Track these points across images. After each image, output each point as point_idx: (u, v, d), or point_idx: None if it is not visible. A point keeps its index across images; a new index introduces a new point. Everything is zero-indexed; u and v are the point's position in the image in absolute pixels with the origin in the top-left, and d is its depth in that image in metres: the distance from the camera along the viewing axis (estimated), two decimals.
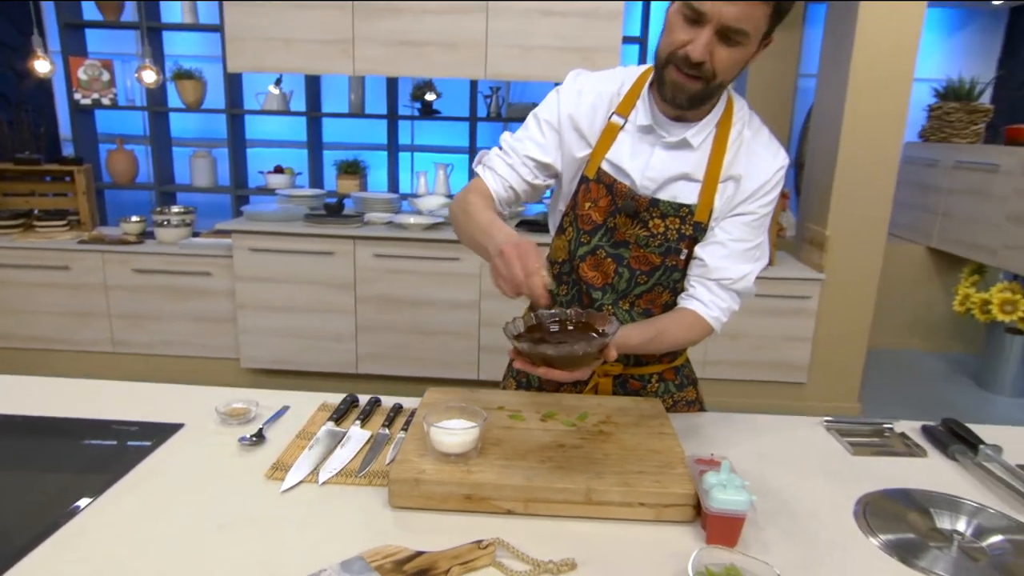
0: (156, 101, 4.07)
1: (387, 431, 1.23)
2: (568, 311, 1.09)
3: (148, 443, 1.15)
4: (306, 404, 1.34)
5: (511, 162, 1.25)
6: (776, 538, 0.96)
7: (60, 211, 3.60)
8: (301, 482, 1.06)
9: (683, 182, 1.21)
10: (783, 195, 3.60)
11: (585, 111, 1.23)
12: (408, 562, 0.86)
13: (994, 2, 4.19)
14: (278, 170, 4.19)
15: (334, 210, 3.37)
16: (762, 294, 3.14)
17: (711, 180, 1.20)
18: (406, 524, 0.97)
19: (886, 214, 3.26)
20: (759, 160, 1.21)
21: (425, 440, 1.07)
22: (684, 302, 1.24)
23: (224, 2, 3.04)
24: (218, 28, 3.95)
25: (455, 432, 1.04)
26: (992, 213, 3.65)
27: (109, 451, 1.15)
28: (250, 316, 3.23)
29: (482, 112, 4.26)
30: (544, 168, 1.26)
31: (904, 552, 0.95)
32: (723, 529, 0.92)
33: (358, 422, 1.25)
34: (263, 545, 0.91)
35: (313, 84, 4.20)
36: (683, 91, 1.10)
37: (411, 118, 4.33)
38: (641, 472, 1.03)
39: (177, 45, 4.28)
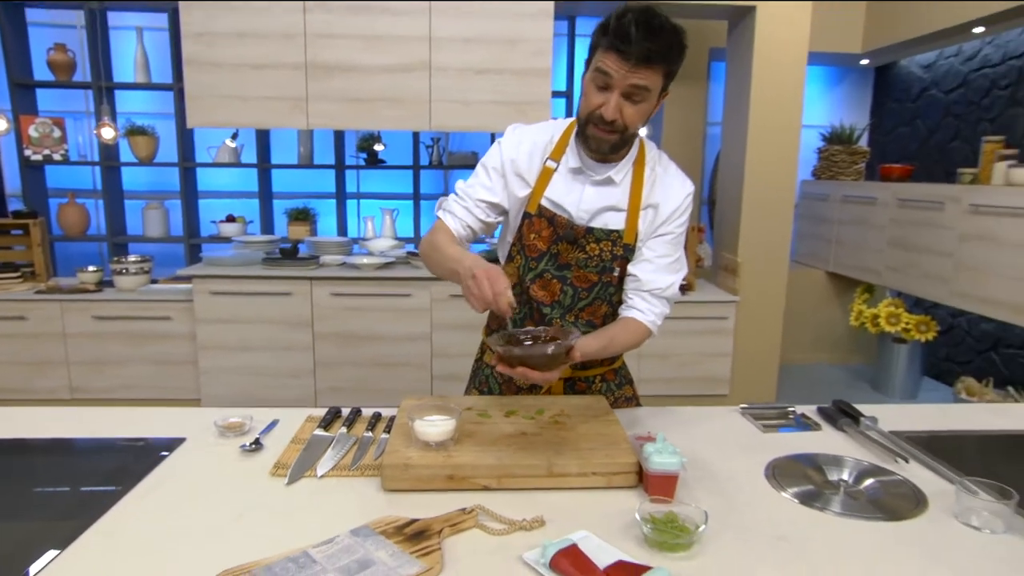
0: (109, 156, 4.09)
1: (371, 434, 1.36)
2: (538, 328, 1.28)
3: (159, 453, 1.25)
4: (293, 418, 1.45)
5: (467, 206, 1.44)
6: (704, 494, 1.15)
7: (9, 264, 3.55)
8: (302, 476, 1.18)
9: (611, 212, 1.41)
10: (699, 230, 3.92)
11: (524, 157, 1.43)
12: (407, 527, 1.00)
13: (862, 62, 4.73)
14: (230, 219, 4.24)
15: (290, 254, 3.46)
16: (686, 316, 3.43)
17: (634, 209, 1.41)
18: (399, 503, 1.10)
19: (787, 242, 3.60)
20: (671, 189, 1.43)
21: (410, 434, 1.21)
22: (625, 312, 1.43)
23: (185, 64, 3.15)
24: (170, 87, 4.05)
25: (436, 423, 1.18)
26: (875, 239, 4.07)
27: (125, 461, 1.23)
28: (211, 357, 3.26)
29: (424, 161, 4.46)
30: (494, 207, 1.45)
31: (805, 498, 1.15)
32: (661, 485, 1.10)
33: (344, 428, 1.38)
34: (278, 526, 1.03)
35: (263, 137, 4.30)
36: (603, 143, 1.33)
37: (357, 167, 4.48)
38: (592, 449, 1.20)
39: (128, 103, 4.32)
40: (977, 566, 0.95)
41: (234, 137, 4.08)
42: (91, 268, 3.47)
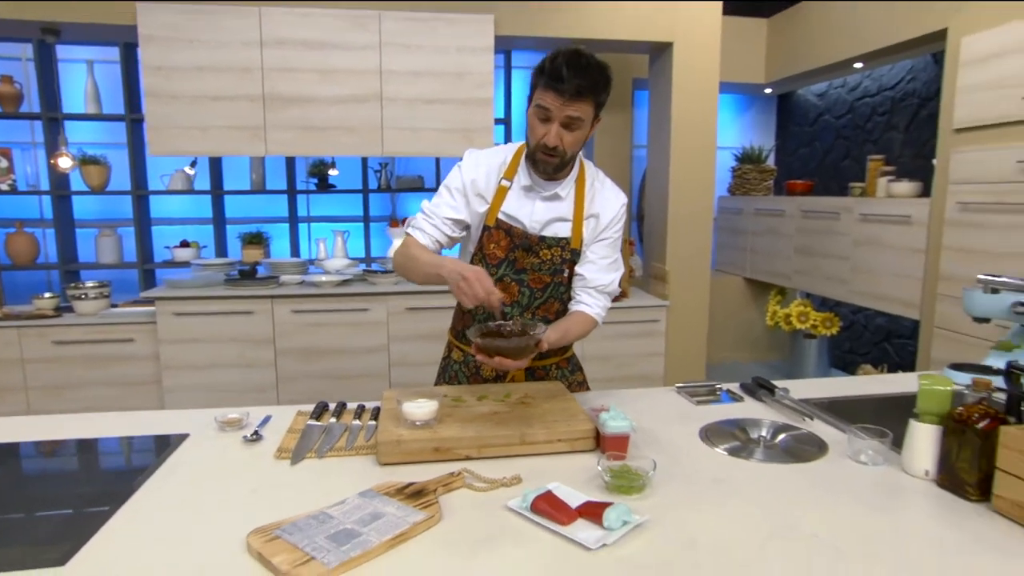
0: (59, 185, 4.02)
1: (359, 422, 1.48)
2: (508, 322, 1.44)
3: (168, 446, 1.34)
4: (284, 413, 1.56)
5: (434, 223, 1.60)
6: (650, 452, 1.32)
7: None
8: (304, 458, 1.30)
9: (559, 222, 1.60)
10: (630, 243, 4.18)
11: (482, 177, 1.60)
12: (406, 488, 1.14)
13: (766, 91, 5.16)
14: (184, 244, 4.22)
15: (249, 275, 3.51)
16: (623, 320, 3.66)
17: (578, 219, 1.60)
18: (393, 473, 1.23)
19: (708, 252, 3.90)
20: (608, 201, 1.63)
21: (398, 417, 1.35)
22: (575, 306, 1.62)
23: (145, 96, 3.18)
24: (122, 118, 4.04)
25: (422, 405, 1.32)
26: (784, 247, 4.43)
27: (139, 454, 1.32)
28: (175, 376, 3.26)
29: (373, 184, 4.57)
30: (458, 223, 1.61)
31: (732, 451, 1.34)
32: (616, 444, 1.27)
33: (333, 418, 1.49)
34: (291, 498, 1.14)
35: (216, 164, 4.32)
36: (548, 166, 1.52)
37: (308, 192, 4.55)
38: (556, 421, 1.37)
39: (77, 133, 4.26)
40: (865, 490, 1.17)
41: (193, 165, 4.09)
42: (47, 295, 3.41)
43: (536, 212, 1.58)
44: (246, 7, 3.21)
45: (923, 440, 1.19)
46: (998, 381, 1.25)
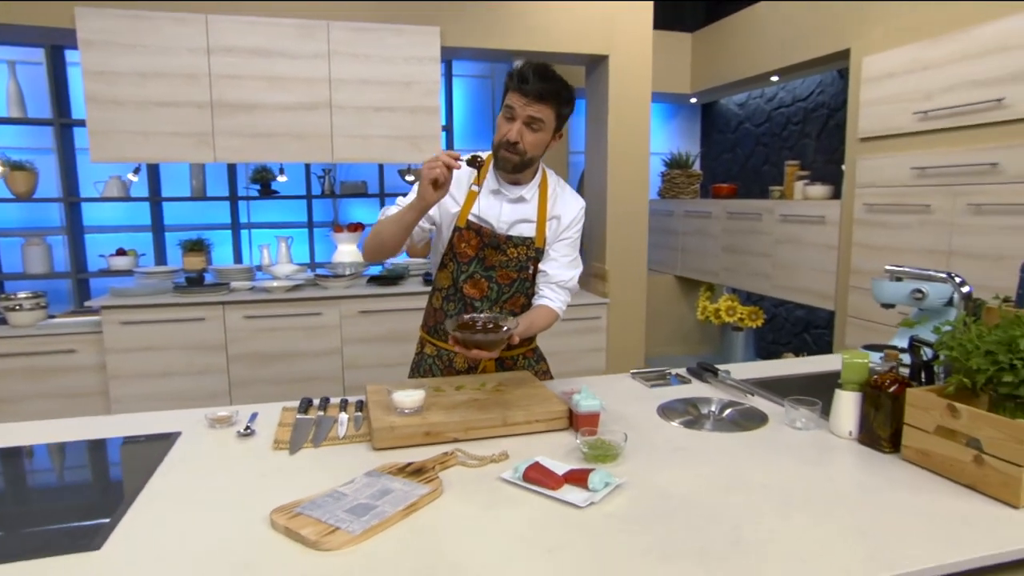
0: None
1: (345, 414, 1.57)
2: (480, 315, 1.56)
3: (163, 443, 1.39)
4: (270, 411, 1.63)
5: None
6: (617, 428, 1.48)
7: None
8: (301, 448, 1.38)
9: (524, 223, 1.75)
10: None
11: (454, 184, 1.72)
12: (406, 467, 1.25)
13: (691, 100, 5.50)
14: (120, 252, 4.11)
15: (196, 282, 3.48)
16: (567, 318, 3.83)
17: (541, 220, 1.76)
18: (388, 457, 1.34)
19: (644, 251, 4.14)
20: (568, 205, 1.80)
21: (387, 406, 1.45)
22: (538, 300, 1.77)
23: (87, 101, 3.11)
24: (50, 122, 3.90)
25: (411, 394, 1.44)
26: (711, 246, 4.75)
27: (137, 451, 1.37)
28: (123, 386, 3.19)
29: (316, 190, 4.59)
30: (429, 218, 1.73)
31: (687, 424, 1.52)
32: (588, 422, 1.42)
33: (320, 412, 1.58)
34: (299, 482, 1.23)
35: (153, 171, 4.23)
36: (508, 162, 1.66)
37: (251, 198, 4.51)
38: (532, 404, 1.51)
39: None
40: (801, 450, 1.37)
41: (136, 172, 4.00)
42: None
43: (503, 214, 1.73)
44: (191, 15, 3.20)
45: (846, 405, 1.41)
46: (905, 357, 1.48)
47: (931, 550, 0.97)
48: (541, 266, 1.78)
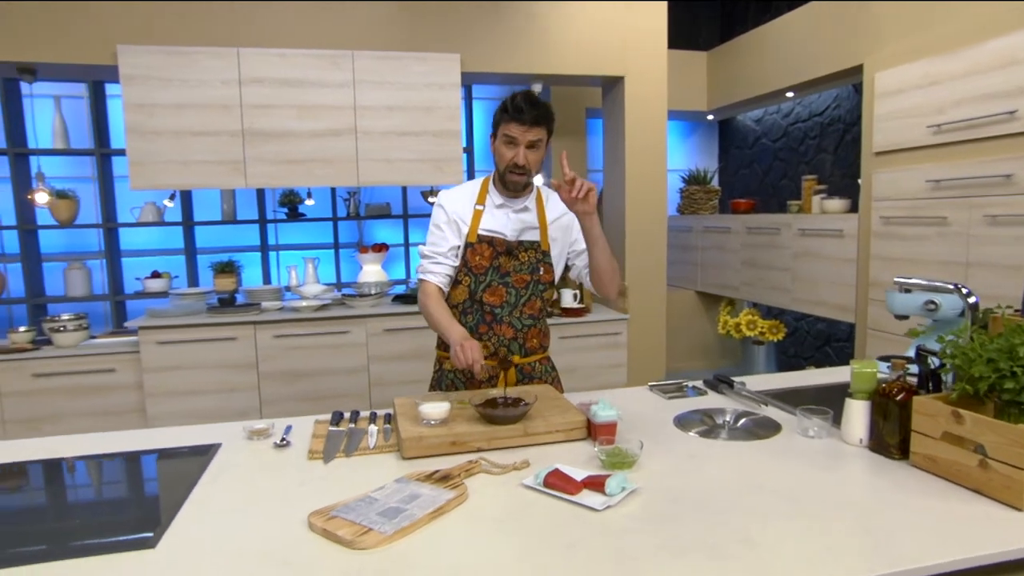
0: (26, 220, 4.04)
1: (375, 426, 1.65)
2: (503, 395, 1.66)
3: (205, 454, 1.48)
4: (304, 423, 1.72)
5: (438, 261, 1.90)
6: (634, 437, 1.54)
7: None
8: (334, 457, 1.47)
9: (530, 229, 1.93)
10: None
11: (460, 207, 1.92)
12: (433, 474, 1.32)
13: (708, 117, 5.56)
14: (155, 275, 4.28)
15: (228, 302, 3.61)
16: (588, 334, 3.90)
17: (543, 224, 1.93)
18: (417, 465, 1.42)
19: (663, 267, 4.19)
20: (559, 204, 1.92)
21: (414, 418, 1.54)
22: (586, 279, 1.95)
23: (128, 133, 3.28)
24: (91, 152, 4.10)
25: (438, 406, 1.52)
26: (731, 261, 4.78)
27: (181, 462, 1.46)
28: (159, 403, 3.32)
29: (342, 212, 4.73)
30: (456, 248, 1.90)
31: (702, 434, 1.58)
32: (606, 431, 1.49)
33: (351, 424, 1.66)
34: (333, 488, 1.31)
35: (186, 196, 4.41)
36: (518, 183, 1.86)
37: (279, 221, 4.67)
38: (552, 415, 1.58)
39: (42, 167, 4.29)
40: (813, 457, 1.42)
41: (172, 198, 4.18)
42: (22, 329, 3.43)
43: (511, 223, 1.90)
44: (224, 49, 3.36)
45: (856, 414, 1.45)
46: (913, 367, 1.52)
47: (934, 549, 1.02)
48: (577, 261, 1.97)
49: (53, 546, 1.07)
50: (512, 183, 1.84)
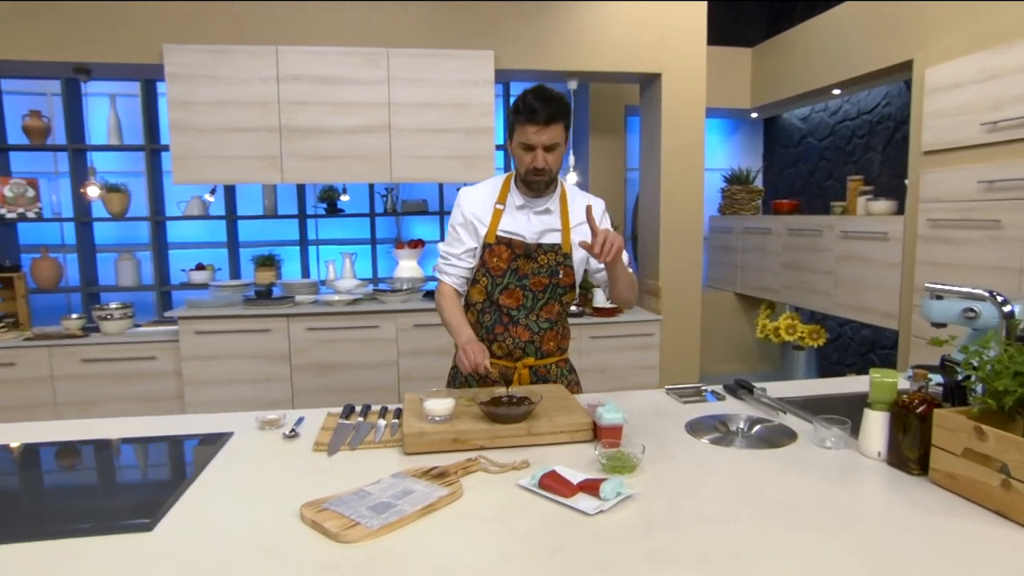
0: (82, 213, 4.24)
1: (383, 421, 1.66)
2: (510, 394, 1.64)
3: (217, 441, 1.52)
4: (317, 415, 1.74)
5: (454, 262, 1.89)
6: (641, 441, 1.51)
7: None
8: (339, 450, 1.48)
9: (551, 232, 1.87)
10: None
11: (479, 208, 1.88)
12: (431, 471, 1.32)
13: (752, 115, 5.41)
14: (199, 267, 4.42)
15: (265, 295, 3.70)
16: (620, 334, 3.85)
17: (566, 226, 1.86)
18: (418, 461, 1.41)
19: (699, 267, 4.10)
20: (591, 200, 1.89)
21: (420, 414, 1.54)
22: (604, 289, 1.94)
23: (171, 129, 3.40)
24: (142, 148, 4.26)
25: (443, 402, 1.51)
26: (772, 263, 4.64)
27: (193, 449, 1.50)
28: (196, 391, 3.44)
29: (380, 208, 4.79)
30: (473, 250, 1.88)
31: (714, 441, 1.53)
32: (611, 435, 1.46)
33: (361, 418, 1.68)
34: (332, 480, 1.32)
35: (230, 192, 4.54)
36: (539, 184, 1.80)
37: (318, 216, 4.76)
38: (558, 415, 1.55)
39: (97, 162, 4.48)
40: (826, 469, 1.35)
41: (212, 192, 4.31)
42: (74, 316, 3.60)
43: (532, 225, 1.85)
44: (263, 48, 3.45)
45: (875, 425, 1.38)
46: (938, 378, 1.44)
47: (940, 572, 0.96)
48: (595, 274, 1.92)
49: (50, 527, 1.11)
50: (533, 185, 1.80)
